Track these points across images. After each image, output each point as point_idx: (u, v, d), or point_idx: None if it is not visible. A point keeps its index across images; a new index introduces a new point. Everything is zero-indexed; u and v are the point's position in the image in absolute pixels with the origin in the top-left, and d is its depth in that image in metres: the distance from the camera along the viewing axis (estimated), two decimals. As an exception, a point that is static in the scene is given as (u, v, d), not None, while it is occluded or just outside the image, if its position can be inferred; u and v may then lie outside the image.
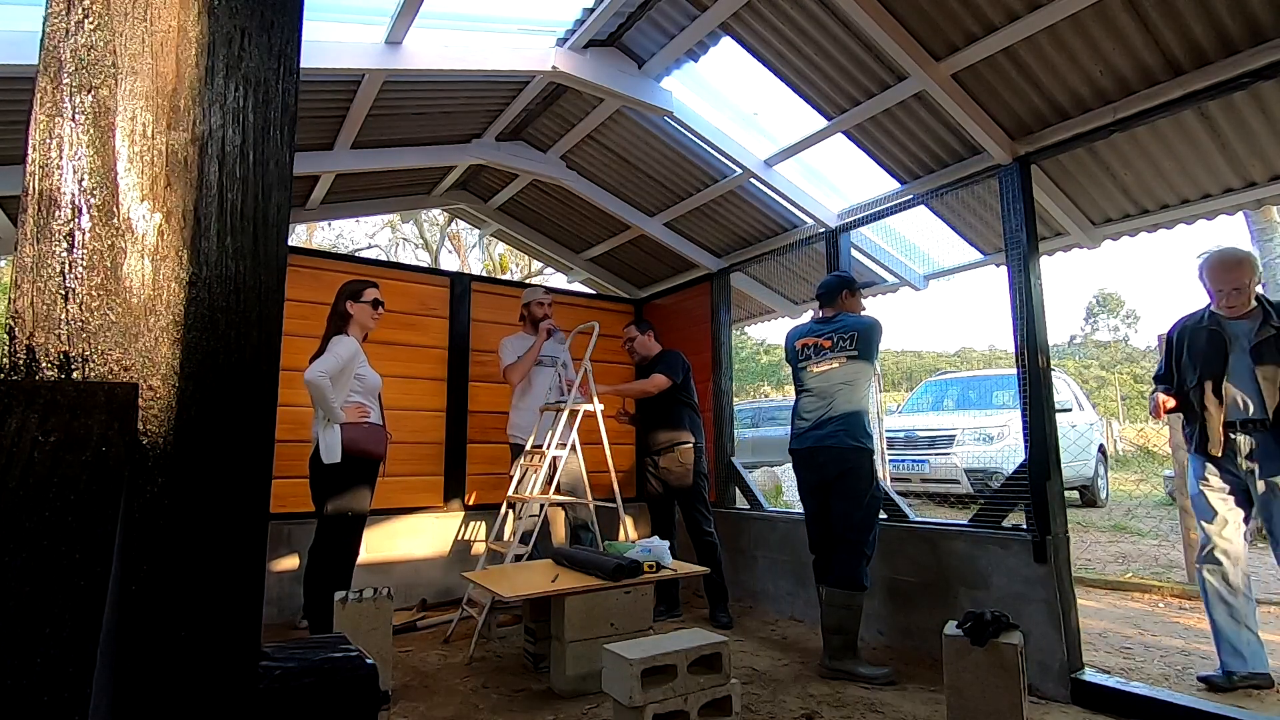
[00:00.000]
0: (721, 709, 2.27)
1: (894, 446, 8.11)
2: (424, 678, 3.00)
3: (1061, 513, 2.88)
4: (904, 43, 2.77)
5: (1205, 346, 2.80)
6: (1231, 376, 2.71)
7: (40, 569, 0.51)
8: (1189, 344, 2.89)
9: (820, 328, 3.34)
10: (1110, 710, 2.52)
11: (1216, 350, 2.76)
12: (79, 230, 0.64)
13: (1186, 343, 2.90)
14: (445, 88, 3.43)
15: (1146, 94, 2.69)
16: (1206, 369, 2.77)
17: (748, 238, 4.64)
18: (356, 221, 19.04)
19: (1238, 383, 2.70)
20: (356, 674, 0.73)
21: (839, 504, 3.07)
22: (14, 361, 0.61)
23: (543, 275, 15.53)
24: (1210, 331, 2.81)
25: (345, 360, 3.06)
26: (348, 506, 3.07)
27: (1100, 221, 3.77)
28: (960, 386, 9.65)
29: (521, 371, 4.15)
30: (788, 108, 23.06)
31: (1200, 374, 2.78)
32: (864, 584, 2.99)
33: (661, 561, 3.19)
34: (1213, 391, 2.74)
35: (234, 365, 0.69)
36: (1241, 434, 2.69)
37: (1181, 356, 2.91)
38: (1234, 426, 2.70)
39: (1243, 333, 2.74)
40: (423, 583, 4.37)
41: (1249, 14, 2.35)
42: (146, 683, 0.61)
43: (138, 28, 0.68)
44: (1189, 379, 2.85)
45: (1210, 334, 2.81)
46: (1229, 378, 2.71)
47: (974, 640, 2.19)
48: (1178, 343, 2.97)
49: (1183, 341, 2.93)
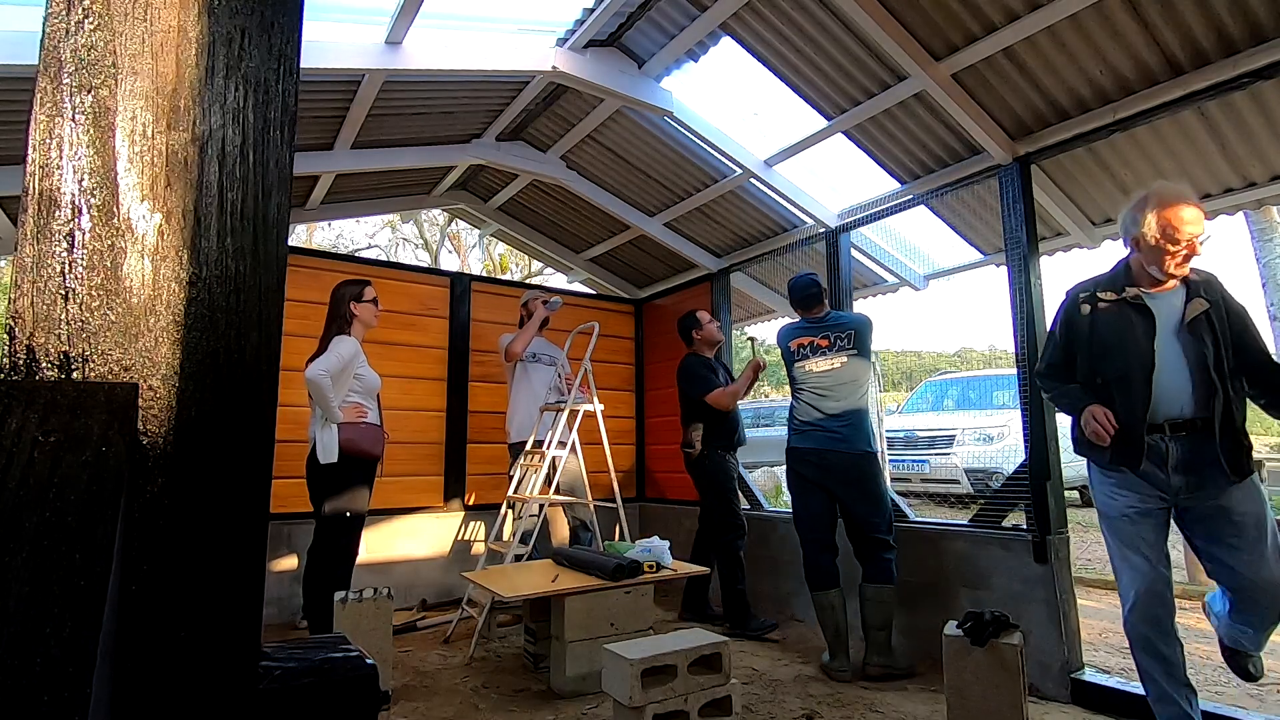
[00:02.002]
0: (721, 709, 2.27)
1: (894, 446, 8.11)
2: (424, 678, 3.00)
3: (1061, 513, 2.88)
4: (904, 43, 2.77)
5: (1127, 327, 2.14)
6: (1162, 367, 2.08)
7: (40, 569, 0.51)
8: (1098, 323, 2.21)
9: (814, 326, 3.34)
10: (1110, 710, 2.52)
11: (1145, 332, 2.11)
12: (79, 230, 0.64)
13: (1093, 321, 2.22)
14: (445, 88, 3.43)
15: (1146, 94, 2.69)
16: (1133, 358, 2.11)
17: (748, 238, 4.64)
18: (356, 221, 19.03)
19: (1170, 375, 2.08)
20: (356, 674, 0.73)
21: (860, 508, 3.11)
22: (14, 361, 0.61)
23: (543, 275, 15.53)
24: (1135, 307, 2.15)
25: (346, 360, 3.06)
26: (346, 506, 3.07)
27: (1100, 221, 3.77)
28: (960, 386, 9.65)
29: (524, 342, 4.15)
30: (788, 108, 23.07)
31: (1124, 364, 2.13)
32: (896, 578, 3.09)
33: (661, 561, 3.19)
34: (1141, 386, 2.09)
35: (234, 365, 0.69)
36: (1170, 438, 2.07)
37: (1087, 339, 2.23)
38: (1161, 430, 2.08)
39: (1168, 309, 2.12)
40: (423, 583, 4.37)
41: (1249, 14, 2.35)
42: (146, 683, 0.61)
43: (138, 28, 0.68)
44: (1104, 370, 2.18)
45: (1135, 310, 2.14)
46: (1159, 369, 2.08)
47: (974, 640, 2.19)
48: (1078, 322, 2.27)
49: (1087, 320, 2.24)
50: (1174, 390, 2.08)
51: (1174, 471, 2.07)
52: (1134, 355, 2.12)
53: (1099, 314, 2.22)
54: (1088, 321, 2.24)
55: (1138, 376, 2.10)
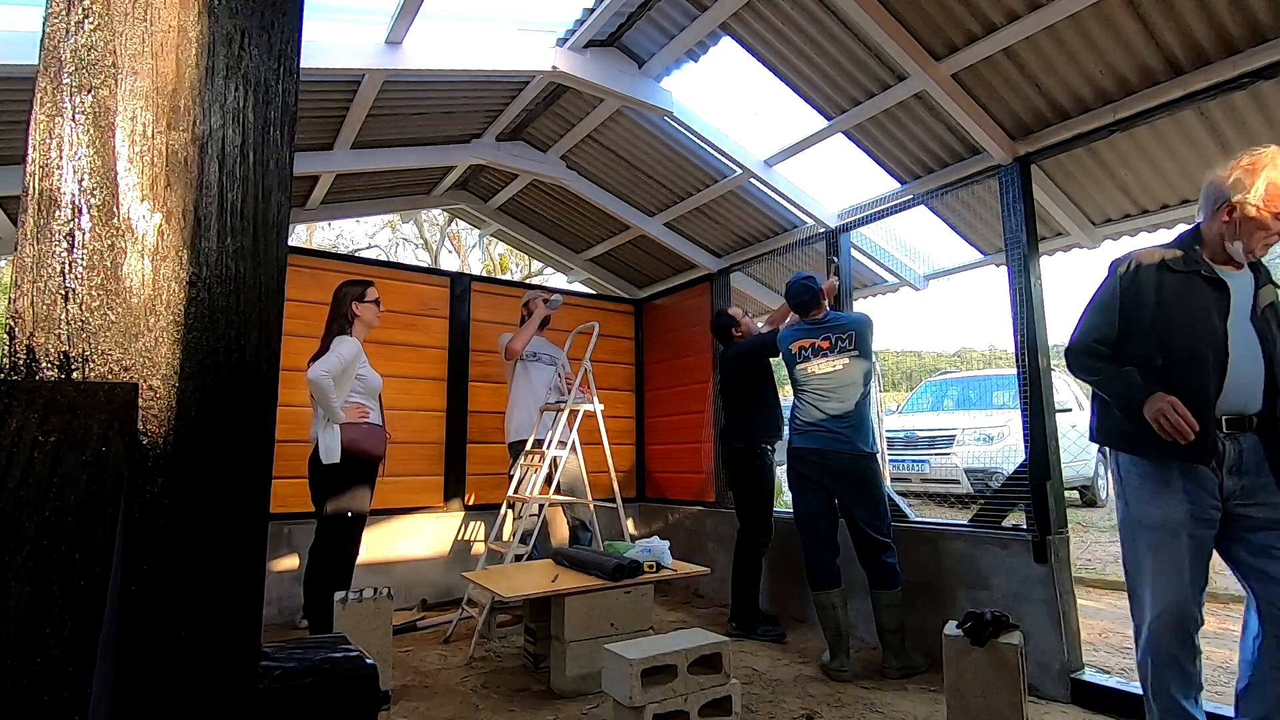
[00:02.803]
0: (721, 709, 2.27)
1: (894, 446, 8.10)
2: (424, 678, 3.00)
3: (1061, 513, 2.88)
4: (904, 43, 2.77)
5: (1198, 302, 1.86)
6: (1235, 353, 1.81)
7: (40, 569, 0.51)
8: (1166, 293, 1.90)
9: (814, 329, 3.35)
10: (1110, 710, 2.52)
11: (1219, 311, 1.83)
12: (79, 230, 0.64)
13: (1161, 290, 1.91)
14: (445, 88, 3.43)
15: (1146, 94, 2.69)
16: (1205, 338, 1.83)
17: (748, 238, 4.64)
18: (356, 221, 19.00)
19: (1242, 363, 1.81)
20: (356, 674, 0.73)
21: (860, 509, 3.12)
22: (14, 361, 0.61)
23: (543, 275, 15.52)
24: (1208, 281, 1.87)
25: (348, 360, 3.06)
26: (347, 506, 3.07)
27: (1100, 221, 3.77)
28: (960, 386, 9.64)
29: (524, 340, 4.16)
30: (788, 108, 23.08)
31: (1195, 343, 1.84)
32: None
33: (661, 561, 3.19)
34: (1215, 371, 1.82)
35: (234, 365, 0.69)
36: (1227, 436, 1.82)
37: (1153, 310, 1.91)
38: (1219, 424, 1.82)
39: (1242, 290, 1.86)
40: (423, 583, 4.37)
41: (1249, 14, 2.35)
42: (146, 683, 0.61)
43: (138, 28, 0.68)
44: (1171, 348, 1.87)
45: (1209, 284, 1.86)
46: (1232, 355, 1.81)
47: (974, 640, 2.19)
48: (1145, 289, 1.94)
49: (1154, 288, 1.92)
50: (1244, 381, 1.82)
51: (1229, 474, 1.82)
52: (1206, 335, 1.83)
53: (1168, 283, 1.90)
54: (1155, 289, 1.91)
55: (1210, 360, 1.81)
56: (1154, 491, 1.88)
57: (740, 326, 4.04)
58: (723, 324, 4.09)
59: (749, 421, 3.84)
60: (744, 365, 3.89)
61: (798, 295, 3.40)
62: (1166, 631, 1.84)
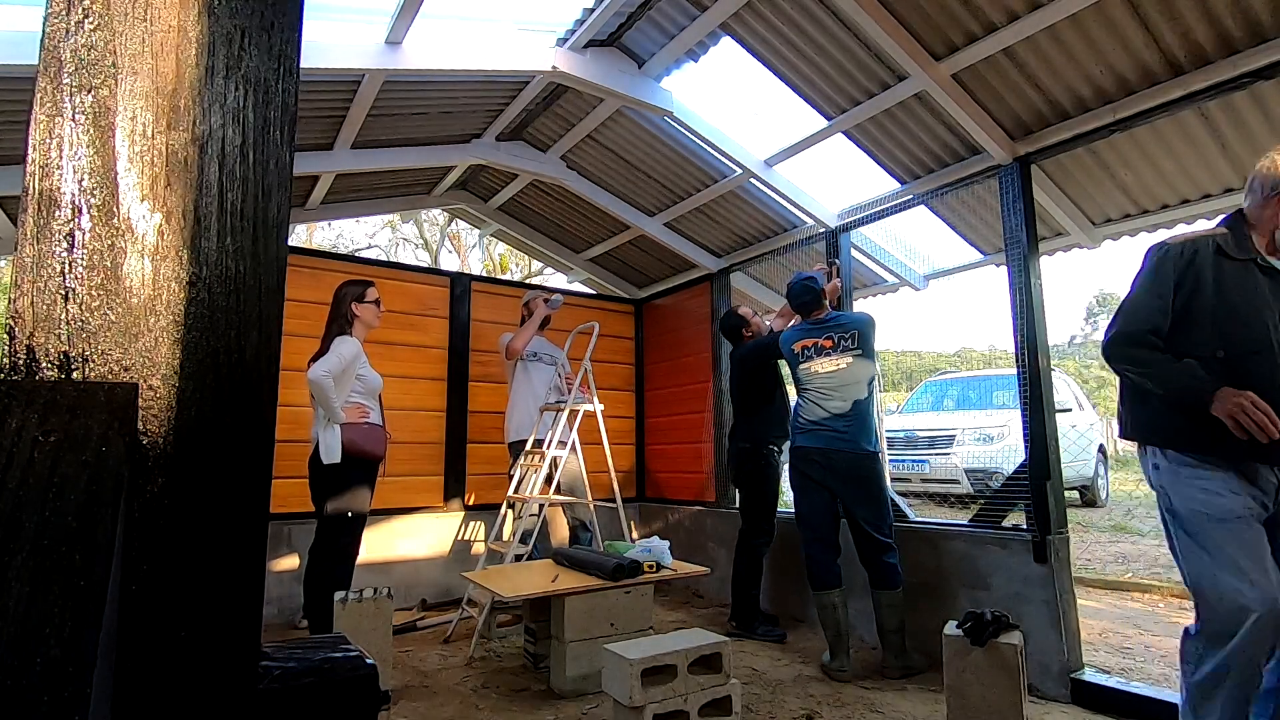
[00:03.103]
0: (721, 709, 2.27)
1: (894, 446, 8.10)
2: (424, 678, 3.00)
3: (1061, 513, 2.88)
4: (904, 43, 2.77)
5: (1257, 292, 1.79)
6: None
7: (40, 569, 0.51)
8: (1226, 281, 1.80)
9: (816, 328, 3.35)
10: (1110, 710, 2.52)
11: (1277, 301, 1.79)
12: (79, 230, 0.64)
13: (1220, 277, 1.81)
14: (445, 88, 3.43)
15: (1146, 94, 2.69)
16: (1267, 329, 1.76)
17: (748, 238, 4.64)
18: (356, 221, 19.01)
19: None
20: (356, 674, 0.73)
21: (862, 509, 3.12)
22: (14, 361, 0.61)
23: (543, 275, 15.52)
24: (1264, 270, 1.81)
25: (348, 360, 3.06)
26: (347, 506, 3.07)
27: (1100, 221, 3.77)
28: (960, 386, 9.63)
29: (524, 339, 4.17)
30: (788, 108, 23.08)
31: (1259, 335, 1.76)
32: None
33: (661, 561, 3.19)
34: None
35: (234, 365, 0.69)
36: None
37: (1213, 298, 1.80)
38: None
39: None
40: (423, 583, 4.37)
41: (1249, 14, 2.35)
42: (146, 683, 0.61)
43: (138, 28, 0.68)
44: (1235, 339, 1.77)
45: (1265, 274, 1.81)
46: None
47: (974, 640, 2.19)
48: (1204, 276, 1.82)
49: (1212, 275, 1.82)
50: None
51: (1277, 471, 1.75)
52: (1268, 326, 1.76)
53: (1227, 271, 1.80)
54: (1213, 276, 1.80)
55: (1274, 352, 1.75)
56: (1203, 484, 1.76)
57: (750, 326, 4.04)
58: (732, 324, 4.10)
59: (755, 422, 3.85)
60: (749, 366, 3.90)
61: (799, 296, 3.40)
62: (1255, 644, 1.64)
